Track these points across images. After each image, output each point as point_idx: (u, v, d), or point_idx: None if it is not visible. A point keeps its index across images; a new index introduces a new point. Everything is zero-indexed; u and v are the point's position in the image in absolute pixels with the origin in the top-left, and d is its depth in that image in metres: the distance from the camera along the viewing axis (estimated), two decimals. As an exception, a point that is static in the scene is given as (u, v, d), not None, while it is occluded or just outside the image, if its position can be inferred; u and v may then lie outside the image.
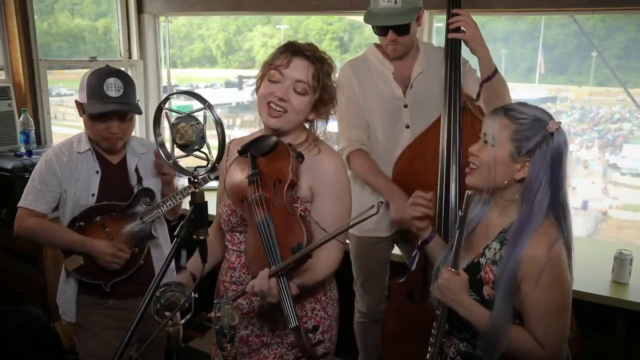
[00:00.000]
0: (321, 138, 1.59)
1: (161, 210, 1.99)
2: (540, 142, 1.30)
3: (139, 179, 2.01)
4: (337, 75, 1.58)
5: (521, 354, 1.32)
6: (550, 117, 1.35)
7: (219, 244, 1.67)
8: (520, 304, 1.32)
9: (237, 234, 1.57)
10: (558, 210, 1.33)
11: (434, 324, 1.44)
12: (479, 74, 2.05)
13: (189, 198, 1.22)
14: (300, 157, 1.47)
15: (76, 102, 1.95)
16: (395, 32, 2.05)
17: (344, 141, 2.14)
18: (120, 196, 1.98)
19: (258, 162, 1.46)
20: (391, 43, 2.09)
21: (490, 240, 1.39)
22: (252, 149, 1.46)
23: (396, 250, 2.44)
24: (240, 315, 1.57)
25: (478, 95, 2.03)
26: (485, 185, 1.37)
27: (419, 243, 1.61)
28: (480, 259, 1.39)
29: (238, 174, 1.49)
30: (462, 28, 1.96)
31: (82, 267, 1.95)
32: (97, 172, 1.97)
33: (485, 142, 1.36)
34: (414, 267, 1.70)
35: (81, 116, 1.96)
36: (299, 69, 1.45)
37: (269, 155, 1.46)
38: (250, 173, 1.44)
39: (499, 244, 1.36)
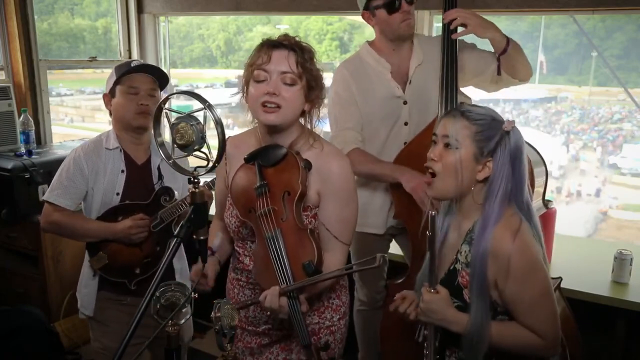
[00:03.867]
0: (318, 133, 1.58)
1: (180, 209, 2.00)
2: (499, 141, 1.32)
3: (160, 176, 2.06)
4: (332, 73, 1.57)
5: (520, 348, 1.33)
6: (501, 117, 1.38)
7: (226, 238, 1.68)
8: (501, 299, 1.32)
9: (249, 242, 1.57)
10: (521, 208, 1.34)
11: (425, 344, 1.44)
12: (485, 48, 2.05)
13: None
14: (308, 166, 1.45)
15: (104, 95, 2.03)
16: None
17: (340, 143, 2.11)
18: (144, 197, 2.02)
19: (266, 173, 1.44)
20: (406, 16, 2.05)
21: (460, 244, 1.39)
22: (259, 159, 1.44)
23: (397, 250, 2.45)
24: (260, 311, 1.58)
25: (498, 69, 2.00)
26: (453, 192, 1.37)
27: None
28: (455, 265, 1.39)
29: (244, 182, 1.47)
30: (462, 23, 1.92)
31: (107, 266, 2.01)
32: (123, 171, 2.02)
33: (447, 145, 1.35)
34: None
35: (110, 108, 2.03)
36: (281, 61, 1.42)
37: (278, 166, 1.44)
38: (258, 185, 1.43)
39: (467, 245, 1.37)
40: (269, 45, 1.44)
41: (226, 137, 1.16)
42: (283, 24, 4.76)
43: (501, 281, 1.29)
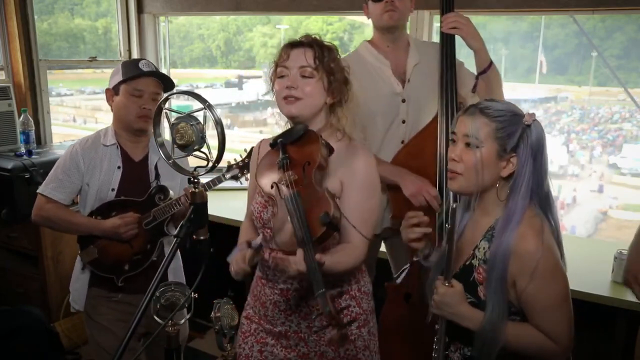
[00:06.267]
0: (348, 131, 1.59)
1: (174, 208, 2.02)
2: (521, 136, 1.31)
3: (157, 175, 2.07)
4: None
5: (532, 350, 1.31)
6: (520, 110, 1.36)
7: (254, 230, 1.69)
8: (519, 300, 1.31)
9: (269, 230, 1.57)
10: (542, 200, 1.33)
11: (435, 338, 1.43)
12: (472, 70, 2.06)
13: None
14: (329, 148, 1.49)
15: (107, 90, 2.04)
16: None
17: None
18: (139, 193, 2.04)
19: (288, 149, 1.50)
20: (388, 7, 2.04)
21: (478, 240, 1.38)
22: (282, 138, 1.50)
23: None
24: (278, 312, 1.60)
25: (474, 87, 2.01)
26: (474, 189, 1.36)
27: (419, 258, 1.56)
28: (472, 261, 1.38)
29: (268, 164, 1.53)
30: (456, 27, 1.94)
31: (97, 260, 2.03)
32: (119, 167, 2.03)
33: (467, 144, 1.34)
34: (399, 281, 1.67)
35: (111, 104, 2.04)
36: (298, 57, 1.53)
37: (299, 143, 1.50)
38: (280, 158, 1.47)
39: (487, 242, 1.35)
40: (289, 45, 1.56)
41: (226, 137, 1.16)
42: (283, 24, 4.76)
43: (522, 282, 1.27)
